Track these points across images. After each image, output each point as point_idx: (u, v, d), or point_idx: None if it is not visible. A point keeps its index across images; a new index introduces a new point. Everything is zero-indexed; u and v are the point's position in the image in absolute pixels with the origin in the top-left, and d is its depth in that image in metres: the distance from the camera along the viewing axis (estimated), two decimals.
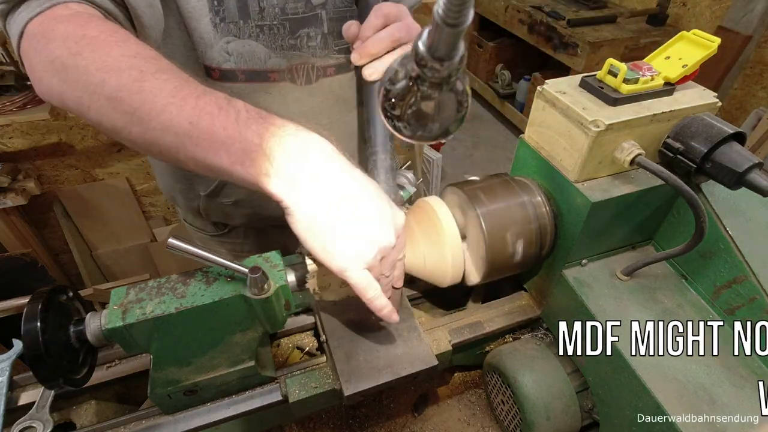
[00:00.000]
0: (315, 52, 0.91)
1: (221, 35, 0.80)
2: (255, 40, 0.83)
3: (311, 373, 0.72)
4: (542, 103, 0.72)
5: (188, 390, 0.64)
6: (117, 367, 0.77)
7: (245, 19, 0.80)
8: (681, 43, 0.71)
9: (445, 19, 0.31)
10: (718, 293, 0.71)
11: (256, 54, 0.84)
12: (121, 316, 0.54)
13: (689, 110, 0.68)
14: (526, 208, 0.73)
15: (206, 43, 0.79)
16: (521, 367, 0.79)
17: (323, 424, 0.88)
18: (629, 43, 2.93)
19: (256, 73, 0.86)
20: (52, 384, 0.56)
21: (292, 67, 0.89)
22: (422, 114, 0.43)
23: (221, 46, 0.81)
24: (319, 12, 0.88)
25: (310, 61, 0.91)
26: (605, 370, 0.70)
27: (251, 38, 0.82)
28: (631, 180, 0.70)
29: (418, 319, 0.78)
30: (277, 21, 0.83)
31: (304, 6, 0.86)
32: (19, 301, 0.80)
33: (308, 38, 0.88)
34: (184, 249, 0.53)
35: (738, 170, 0.61)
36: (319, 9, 0.88)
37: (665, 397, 0.61)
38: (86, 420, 0.75)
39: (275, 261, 0.62)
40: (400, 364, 0.66)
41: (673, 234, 0.77)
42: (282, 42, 0.86)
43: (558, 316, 0.79)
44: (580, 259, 0.76)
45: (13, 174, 2.07)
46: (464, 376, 0.96)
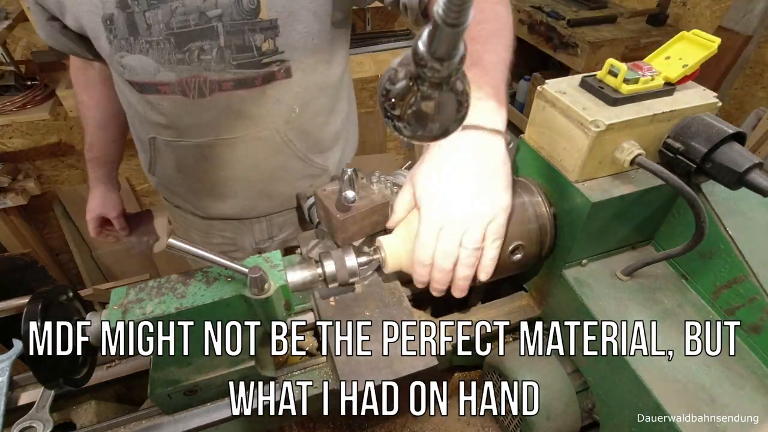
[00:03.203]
0: (209, 66, 0.92)
1: (115, 51, 0.90)
2: (145, 54, 0.89)
3: (311, 373, 0.72)
4: (542, 103, 0.72)
5: (188, 390, 0.64)
6: (117, 367, 0.77)
7: (135, 35, 0.87)
8: (681, 43, 0.71)
9: (445, 19, 0.31)
10: (718, 293, 0.71)
11: (146, 68, 0.91)
12: (121, 316, 0.54)
13: (689, 110, 0.68)
14: (526, 208, 0.73)
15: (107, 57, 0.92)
16: (521, 367, 0.79)
17: (323, 424, 0.88)
18: (629, 43, 2.93)
19: (147, 86, 0.94)
20: (52, 384, 0.56)
21: (182, 80, 0.93)
22: (422, 114, 0.42)
23: (117, 60, 0.91)
24: (215, 25, 0.88)
25: (203, 75, 0.93)
26: (605, 370, 0.70)
27: (141, 53, 0.89)
28: (631, 180, 0.70)
29: (418, 319, 0.78)
30: (162, 36, 0.88)
31: (198, 18, 0.87)
32: (19, 301, 0.80)
33: (201, 51, 0.90)
34: (184, 249, 0.53)
35: (738, 170, 0.61)
36: (215, 21, 0.88)
37: (665, 397, 0.61)
38: (86, 420, 0.75)
39: (275, 261, 0.62)
40: (400, 364, 0.66)
41: (673, 234, 0.77)
42: (169, 56, 0.90)
43: (558, 316, 0.79)
44: (580, 259, 0.76)
45: (13, 174, 2.07)
46: (464, 376, 0.96)
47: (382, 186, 0.84)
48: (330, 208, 0.79)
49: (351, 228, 0.80)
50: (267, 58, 0.94)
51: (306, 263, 0.68)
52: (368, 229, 0.83)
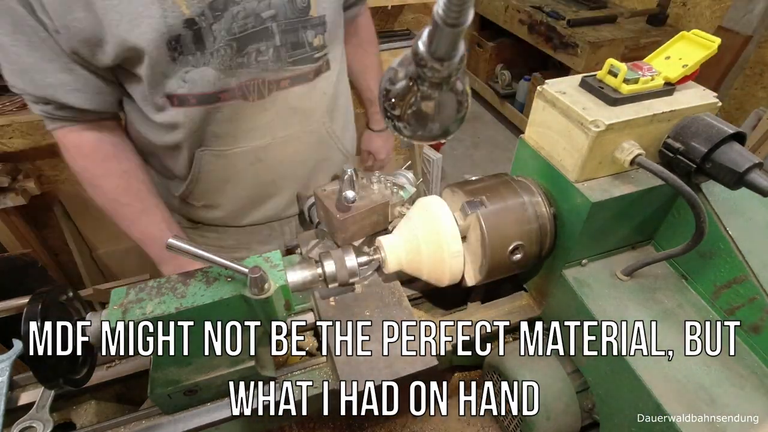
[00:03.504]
0: (267, 66, 0.92)
1: (180, 67, 0.86)
2: (207, 65, 0.87)
3: (311, 373, 0.72)
4: (542, 103, 0.72)
5: (188, 390, 0.64)
6: (117, 367, 0.77)
7: (201, 49, 0.85)
8: (681, 43, 0.71)
9: (445, 19, 0.31)
10: (718, 293, 0.71)
11: (207, 78, 0.88)
12: (121, 316, 0.54)
13: (689, 110, 0.68)
14: (526, 208, 0.73)
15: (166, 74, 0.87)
16: (521, 367, 0.79)
17: (323, 424, 0.88)
18: (629, 43, 2.93)
19: (206, 96, 0.91)
20: (52, 384, 0.56)
21: (242, 84, 0.92)
22: (422, 114, 0.43)
23: (180, 77, 0.87)
24: (270, 25, 0.89)
25: (261, 76, 0.93)
26: (605, 370, 0.70)
27: (205, 65, 0.87)
28: (631, 180, 0.70)
29: (418, 319, 0.78)
30: (224, 43, 0.86)
31: (254, 20, 0.87)
32: (19, 301, 0.80)
33: (258, 53, 0.90)
34: (184, 249, 0.53)
35: (738, 170, 0.61)
36: (269, 22, 0.89)
37: (665, 397, 0.61)
38: (86, 420, 0.75)
39: (275, 261, 0.62)
40: (400, 364, 0.66)
41: (673, 234, 0.77)
42: (230, 62, 0.88)
43: (558, 316, 0.79)
44: (580, 259, 0.76)
45: (13, 174, 2.07)
46: (464, 376, 0.96)
47: (382, 186, 0.84)
48: (330, 208, 0.79)
49: (351, 228, 0.80)
50: (318, 53, 0.99)
51: (306, 263, 0.68)
52: (368, 229, 0.83)
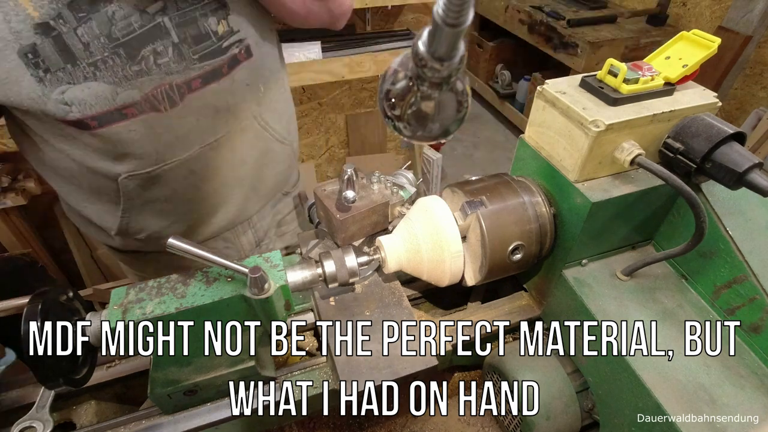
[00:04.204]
0: (170, 69, 0.80)
1: (51, 88, 0.72)
2: (93, 80, 0.74)
3: (311, 373, 0.72)
4: (542, 103, 0.72)
5: (188, 390, 0.64)
6: (117, 367, 0.77)
7: (72, 62, 0.72)
8: (681, 43, 0.71)
9: (445, 19, 0.31)
10: (718, 293, 0.71)
11: (100, 95, 0.75)
12: (121, 316, 0.54)
13: (689, 110, 0.68)
14: (526, 208, 0.73)
15: (34, 103, 0.72)
16: (521, 367, 0.79)
17: (323, 424, 0.88)
18: (629, 43, 2.93)
19: (108, 115, 0.78)
20: (52, 384, 0.56)
21: (148, 95, 0.80)
22: (422, 114, 0.43)
23: (56, 100, 0.72)
24: (160, 20, 0.76)
25: (167, 81, 0.81)
26: (605, 370, 0.70)
27: (88, 80, 0.73)
28: (631, 180, 0.70)
29: (418, 319, 0.78)
30: (107, 51, 0.74)
31: (139, 19, 0.75)
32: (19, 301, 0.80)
33: (156, 56, 0.78)
34: (184, 249, 0.53)
35: (738, 170, 0.61)
36: (159, 17, 0.76)
37: (665, 397, 0.61)
38: (86, 420, 0.75)
39: (275, 261, 0.62)
40: (400, 364, 0.66)
41: (673, 234, 0.77)
42: (123, 72, 0.76)
43: (558, 316, 0.79)
44: (580, 259, 0.76)
45: (13, 174, 2.06)
46: (464, 376, 0.96)
47: (382, 186, 0.84)
48: (330, 208, 0.79)
49: (351, 228, 0.80)
50: (226, 42, 0.87)
51: (306, 263, 0.68)
52: (368, 229, 0.83)
